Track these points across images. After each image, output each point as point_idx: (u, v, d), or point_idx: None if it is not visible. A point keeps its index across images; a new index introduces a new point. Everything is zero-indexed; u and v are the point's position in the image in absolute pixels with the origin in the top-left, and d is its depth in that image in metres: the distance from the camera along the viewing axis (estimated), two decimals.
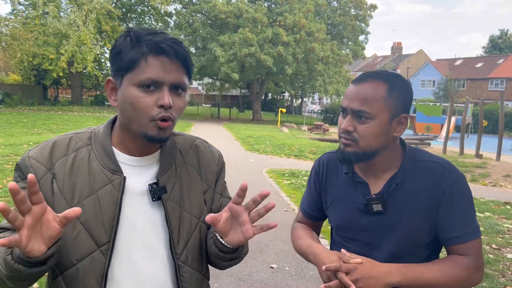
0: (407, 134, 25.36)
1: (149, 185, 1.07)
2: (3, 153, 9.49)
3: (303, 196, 1.54)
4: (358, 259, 1.18)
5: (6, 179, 6.84)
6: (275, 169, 9.71)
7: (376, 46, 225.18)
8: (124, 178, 1.04)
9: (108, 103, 34.47)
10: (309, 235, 1.42)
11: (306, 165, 10.60)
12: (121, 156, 1.07)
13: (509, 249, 4.74)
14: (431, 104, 30.20)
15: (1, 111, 23.53)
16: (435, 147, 16.68)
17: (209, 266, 1.23)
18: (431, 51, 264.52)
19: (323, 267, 1.17)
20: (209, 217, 0.96)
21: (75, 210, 0.83)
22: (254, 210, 1.00)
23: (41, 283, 3.27)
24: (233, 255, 1.08)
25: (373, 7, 32.24)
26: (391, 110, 1.20)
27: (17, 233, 0.80)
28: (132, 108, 0.98)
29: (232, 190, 1.07)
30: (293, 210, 6.22)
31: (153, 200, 1.07)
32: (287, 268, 4.06)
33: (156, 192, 1.06)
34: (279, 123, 26.54)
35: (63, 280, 1.03)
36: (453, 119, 23.98)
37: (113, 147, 1.08)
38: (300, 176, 8.91)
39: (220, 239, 1.03)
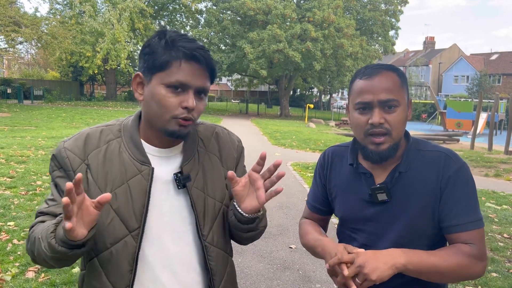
0: (436, 130, 25.03)
1: (174, 174, 1.14)
2: (47, 145, 10.26)
3: (309, 192, 1.54)
4: (361, 249, 1.20)
5: None
6: (300, 163, 10.06)
7: (410, 41, 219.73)
8: (152, 169, 1.12)
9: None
10: (316, 230, 1.43)
11: None
12: (148, 148, 1.15)
13: None
14: (462, 100, 29.60)
15: (42, 106, 24.87)
16: (464, 143, 16.54)
17: (233, 245, 1.30)
18: (467, 46, 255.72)
19: (326, 264, 1.21)
20: (230, 173, 1.05)
21: (106, 196, 0.92)
22: (268, 179, 1.09)
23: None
24: (250, 226, 1.14)
25: (404, 1, 31.78)
26: (406, 94, 1.25)
27: (67, 221, 0.90)
28: (157, 105, 1.06)
29: None
30: None
31: (178, 188, 1.14)
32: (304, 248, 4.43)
33: (181, 181, 1.13)
34: (306, 118, 26.75)
35: (98, 261, 1.12)
36: (485, 115, 23.52)
37: (141, 139, 1.15)
38: None
39: (237, 207, 1.11)
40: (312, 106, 29.58)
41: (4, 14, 21.73)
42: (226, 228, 1.24)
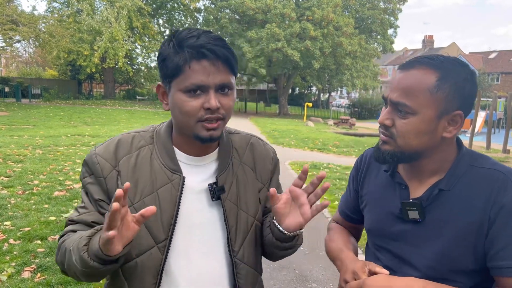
0: None
1: (209, 185, 1.09)
2: (44, 144, 10.24)
3: (342, 195, 1.40)
4: (383, 269, 1.05)
5: (49, 167, 7.48)
6: (298, 161, 10.05)
7: (409, 40, 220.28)
8: (183, 178, 1.06)
9: (139, 98, 35.58)
10: (343, 239, 1.29)
11: (328, 158, 10.89)
12: (180, 156, 1.09)
13: None
14: None
15: (40, 105, 24.83)
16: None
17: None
18: (466, 44, 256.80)
19: (340, 280, 1.12)
20: (272, 190, 0.98)
21: (151, 209, 0.87)
22: (312, 192, 1.02)
23: None
24: (288, 243, 1.09)
25: (403, 0, 31.78)
26: (440, 104, 0.99)
27: (107, 231, 0.84)
28: (180, 112, 1.01)
29: None
30: None
31: (212, 200, 1.09)
32: (301, 248, 4.43)
33: (216, 192, 1.08)
34: (305, 117, 26.76)
35: (122, 272, 1.06)
36: (483, 113, 23.56)
37: (174, 147, 1.10)
38: (321, 168, 9.21)
39: (278, 226, 1.04)
40: (310, 104, 29.58)
41: (1, 13, 21.69)
42: (257, 245, 1.18)
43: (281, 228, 1.04)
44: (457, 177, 1.04)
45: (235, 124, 22.18)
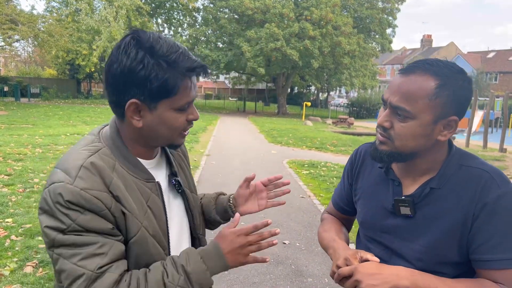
0: None
1: (173, 179, 1.17)
2: (44, 143, 10.30)
3: (336, 187, 1.48)
4: (375, 257, 1.10)
5: (49, 166, 7.55)
6: (296, 160, 10.12)
7: (407, 39, 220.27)
8: (158, 182, 1.10)
9: None
10: (336, 229, 1.35)
11: (326, 157, 10.97)
12: (143, 163, 1.11)
13: None
14: None
15: (39, 104, 24.86)
16: (459, 141, 16.65)
17: None
18: (465, 44, 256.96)
19: (332, 267, 1.16)
20: (253, 174, 1.31)
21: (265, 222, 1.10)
22: (273, 190, 1.32)
23: None
24: (225, 223, 1.32)
25: None
26: (437, 110, 1.04)
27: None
28: (168, 128, 1.03)
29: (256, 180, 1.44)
30: (309, 197, 6.67)
31: (178, 192, 1.19)
32: (297, 244, 4.54)
33: (181, 184, 1.19)
34: (303, 116, 26.83)
35: None
36: (481, 113, 23.66)
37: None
38: (319, 167, 9.29)
39: (233, 210, 1.32)
40: (309, 104, 29.66)
41: (0, 12, 21.70)
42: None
43: (233, 212, 1.33)
44: (447, 176, 1.11)
45: (235, 123, 22.08)
